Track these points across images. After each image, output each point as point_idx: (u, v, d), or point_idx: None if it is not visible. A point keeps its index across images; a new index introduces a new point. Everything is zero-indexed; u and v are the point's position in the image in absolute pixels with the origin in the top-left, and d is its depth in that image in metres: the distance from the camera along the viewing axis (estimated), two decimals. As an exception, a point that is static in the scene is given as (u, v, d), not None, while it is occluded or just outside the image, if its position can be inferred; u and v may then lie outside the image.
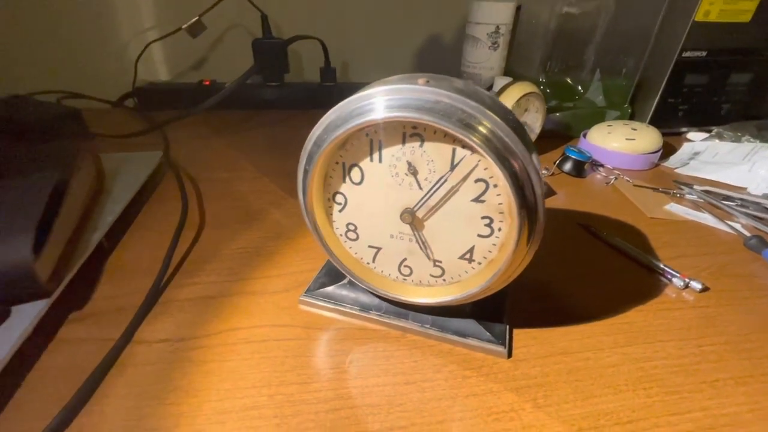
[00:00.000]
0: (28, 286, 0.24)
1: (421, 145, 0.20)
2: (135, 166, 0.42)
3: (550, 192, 0.45)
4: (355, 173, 0.22)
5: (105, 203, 0.35)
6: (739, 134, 0.54)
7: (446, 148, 0.20)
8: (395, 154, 0.21)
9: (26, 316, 0.23)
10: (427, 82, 0.19)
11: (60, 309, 0.26)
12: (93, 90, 0.67)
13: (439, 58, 0.79)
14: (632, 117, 0.62)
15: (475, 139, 0.18)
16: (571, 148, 0.49)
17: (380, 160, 0.21)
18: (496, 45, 0.57)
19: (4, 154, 0.36)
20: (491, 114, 0.18)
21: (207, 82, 0.68)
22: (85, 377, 0.22)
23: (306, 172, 0.22)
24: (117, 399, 0.21)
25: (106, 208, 0.35)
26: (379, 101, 0.19)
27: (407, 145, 0.20)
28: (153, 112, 0.64)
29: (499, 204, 0.20)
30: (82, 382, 0.22)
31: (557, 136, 0.59)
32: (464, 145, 0.19)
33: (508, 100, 0.46)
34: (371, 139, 0.21)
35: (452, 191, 0.21)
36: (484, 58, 0.59)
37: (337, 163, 0.22)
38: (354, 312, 0.27)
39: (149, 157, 0.45)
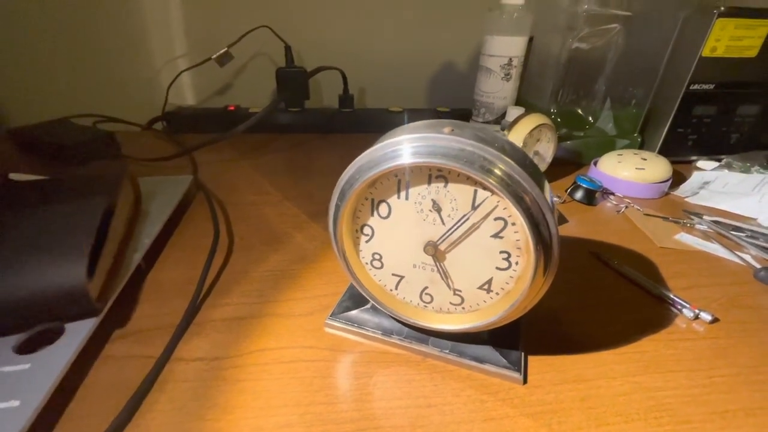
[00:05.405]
0: (82, 305, 0.26)
1: (445, 186, 0.22)
2: (168, 189, 0.45)
3: (561, 220, 0.46)
4: (383, 208, 0.24)
5: (142, 225, 0.38)
6: (748, 164, 0.55)
7: (468, 189, 0.22)
8: (421, 192, 0.23)
9: (78, 333, 0.25)
10: (452, 130, 0.21)
11: (106, 327, 0.28)
12: (124, 113, 0.71)
13: (453, 87, 0.82)
14: (642, 145, 0.63)
15: (493, 182, 0.20)
16: (583, 177, 0.50)
17: (407, 198, 0.23)
18: (508, 76, 0.60)
19: (54, 177, 0.39)
20: (509, 160, 0.20)
21: (232, 107, 0.72)
22: (131, 392, 0.24)
23: (338, 206, 0.24)
24: (160, 414, 0.23)
25: (144, 230, 0.37)
26: (407, 148, 0.21)
27: (432, 185, 0.22)
28: (180, 135, 0.67)
29: (517, 240, 0.22)
30: (128, 397, 0.23)
31: (568, 163, 0.60)
32: (485, 187, 0.21)
33: (522, 130, 0.48)
34: (399, 179, 0.23)
35: (473, 228, 0.23)
36: (497, 88, 0.61)
37: (366, 199, 0.24)
38: (377, 336, 0.28)
39: (180, 180, 0.47)
